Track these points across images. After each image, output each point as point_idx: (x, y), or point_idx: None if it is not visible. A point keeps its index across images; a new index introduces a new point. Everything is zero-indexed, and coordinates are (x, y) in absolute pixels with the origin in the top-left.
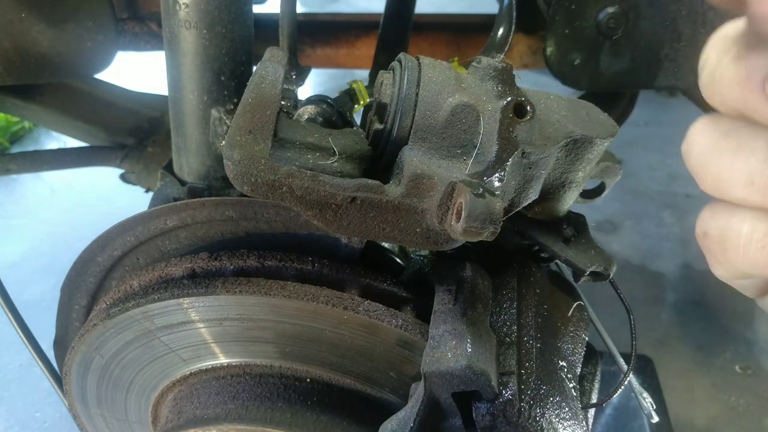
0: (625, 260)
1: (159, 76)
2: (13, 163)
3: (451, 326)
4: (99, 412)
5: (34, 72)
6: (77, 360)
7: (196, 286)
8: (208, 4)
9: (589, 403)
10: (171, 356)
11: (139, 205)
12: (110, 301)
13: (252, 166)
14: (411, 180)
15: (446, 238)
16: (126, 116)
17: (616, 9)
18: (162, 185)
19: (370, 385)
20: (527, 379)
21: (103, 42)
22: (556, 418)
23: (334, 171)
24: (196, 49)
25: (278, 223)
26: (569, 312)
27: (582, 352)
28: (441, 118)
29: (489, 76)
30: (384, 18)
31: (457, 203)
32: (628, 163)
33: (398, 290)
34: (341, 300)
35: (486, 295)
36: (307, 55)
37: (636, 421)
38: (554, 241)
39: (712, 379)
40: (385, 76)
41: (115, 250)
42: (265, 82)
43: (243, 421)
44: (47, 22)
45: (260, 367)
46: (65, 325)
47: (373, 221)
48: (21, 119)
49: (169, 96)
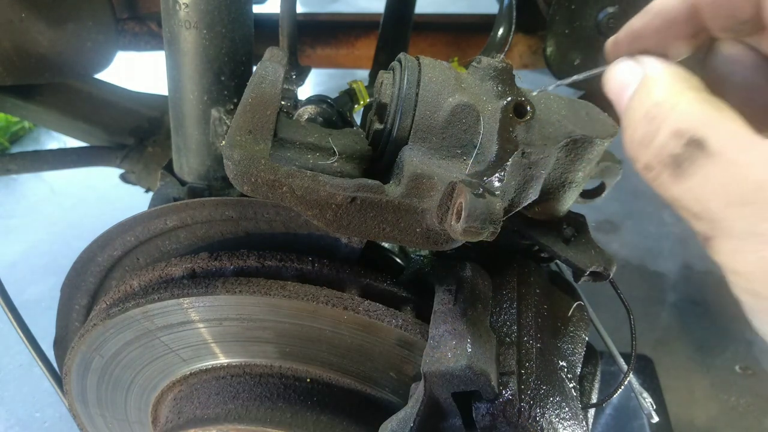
0: (625, 260)
1: (159, 76)
2: (13, 163)
3: (451, 326)
4: (99, 412)
5: (34, 72)
6: (77, 360)
7: (196, 286)
8: (208, 4)
9: (589, 403)
10: (171, 356)
11: (139, 205)
12: (110, 301)
13: (252, 166)
14: (411, 180)
15: (446, 238)
16: (126, 116)
17: (616, 9)
18: (162, 185)
19: (370, 385)
20: (527, 379)
21: (103, 42)
22: (556, 418)
23: (334, 171)
24: (196, 49)
25: (278, 223)
26: (569, 312)
27: (582, 352)
28: (441, 118)
29: (489, 76)
30: (384, 18)
31: (457, 203)
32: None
33: (398, 290)
34: (341, 300)
35: (486, 295)
36: (307, 55)
37: (636, 421)
38: (554, 241)
39: (712, 379)
40: (385, 76)
41: (115, 250)
42: (265, 82)
43: (243, 421)
44: (47, 22)
45: (260, 367)
46: (65, 325)
47: (373, 221)
48: (21, 119)
49: (169, 96)
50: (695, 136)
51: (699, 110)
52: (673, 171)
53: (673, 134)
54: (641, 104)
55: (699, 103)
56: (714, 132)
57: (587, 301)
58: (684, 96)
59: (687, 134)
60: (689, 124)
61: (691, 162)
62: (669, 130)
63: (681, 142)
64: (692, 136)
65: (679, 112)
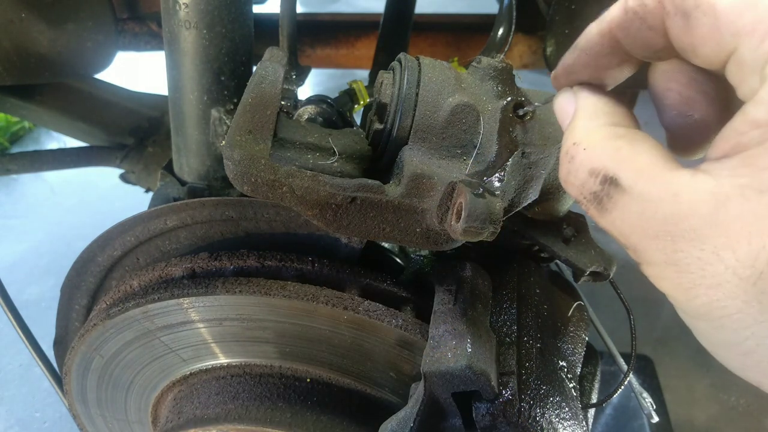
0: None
1: (159, 76)
2: (13, 163)
3: (451, 326)
4: (99, 412)
5: (34, 72)
6: (77, 360)
7: (196, 286)
8: (208, 4)
9: (589, 403)
10: (171, 356)
11: (139, 205)
12: (110, 301)
13: (252, 166)
14: (411, 180)
15: (446, 238)
16: (126, 116)
17: None
18: (162, 185)
19: (370, 385)
20: (527, 379)
21: (103, 42)
22: (556, 418)
23: (334, 171)
24: (196, 49)
25: (278, 223)
26: (569, 312)
27: (582, 352)
28: (441, 118)
29: (489, 76)
30: (384, 18)
31: (457, 203)
32: None
33: (398, 290)
34: (341, 300)
35: (486, 295)
36: (307, 55)
37: (636, 421)
38: (554, 241)
39: (712, 379)
40: (385, 76)
41: (115, 250)
42: (265, 82)
43: (243, 421)
44: (47, 22)
45: (260, 367)
46: (65, 325)
47: (373, 221)
48: (21, 119)
49: (169, 96)
50: (608, 174)
51: (611, 148)
52: (596, 206)
53: (590, 173)
54: (564, 143)
55: (612, 140)
56: (625, 169)
57: (587, 301)
58: (599, 133)
59: (601, 173)
60: (602, 163)
61: (609, 198)
62: (586, 169)
63: (597, 180)
64: (605, 174)
65: (593, 151)
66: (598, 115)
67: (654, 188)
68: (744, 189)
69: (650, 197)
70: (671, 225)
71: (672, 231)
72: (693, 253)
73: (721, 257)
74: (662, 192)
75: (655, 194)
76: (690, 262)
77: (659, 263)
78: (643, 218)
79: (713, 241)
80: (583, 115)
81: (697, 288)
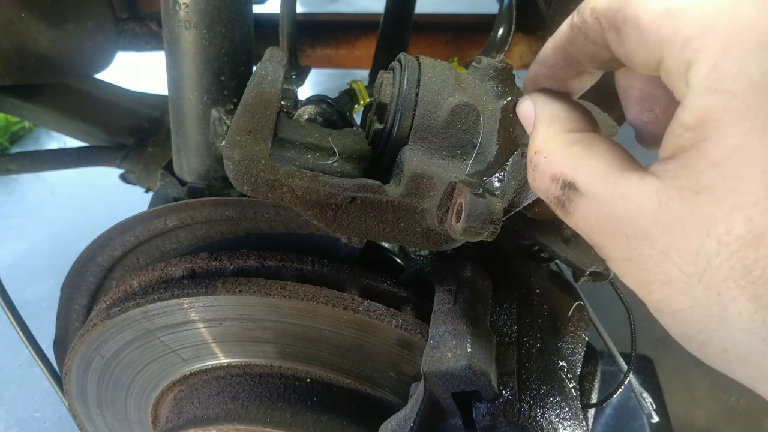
0: None
1: (159, 76)
2: (13, 163)
3: (451, 326)
4: (99, 412)
5: (34, 72)
6: (77, 360)
7: (196, 286)
8: (208, 4)
9: (589, 403)
10: (171, 356)
11: (139, 205)
12: (110, 301)
13: (252, 166)
14: (411, 180)
15: (446, 238)
16: (126, 116)
17: None
18: (162, 185)
19: (370, 385)
20: (527, 379)
21: (103, 42)
22: (556, 418)
23: (334, 171)
24: (196, 49)
25: (278, 223)
26: (569, 312)
27: (582, 352)
28: (441, 118)
29: (489, 76)
30: (384, 18)
31: (457, 203)
32: None
33: (398, 290)
34: (341, 300)
35: (486, 295)
36: (307, 55)
37: (636, 421)
38: (554, 241)
39: (712, 379)
40: (385, 76)
41: (115, 250)
42: (265, 82)
43: (243, 421)
44: (47, 22)
45: (260, 367)
46: (65, 325)
47: (373, 221)
48: (21, 119)
49: (169, 96)
50: (566, 179)
51: (569, 154)
52: (561, 210)
53: (551, 179)
54: (528, 151)
55: (569, 147)
56: (580, 174)
57: (587, 301)
58: (556, 141)
59: (560, 179)
60: (560, 170)
61: (570, 202)
62: (547, 176)
63: (558, 185)
64: (564, 180)
65: (552, 158)
66: (555, 122)
67: (606, 191)
68: (682, 190)
69: (603, 199)
70: (625, 225)
71: (626, 231)
72: (645, 252)
73: (669, 255)
74: (614, 194)
75: (608, 196)
76: (643, 259)
77: (619, 260)
78: (600, 219)
79: (660, 240)
80: (542, 124)
81: (653, 284)
